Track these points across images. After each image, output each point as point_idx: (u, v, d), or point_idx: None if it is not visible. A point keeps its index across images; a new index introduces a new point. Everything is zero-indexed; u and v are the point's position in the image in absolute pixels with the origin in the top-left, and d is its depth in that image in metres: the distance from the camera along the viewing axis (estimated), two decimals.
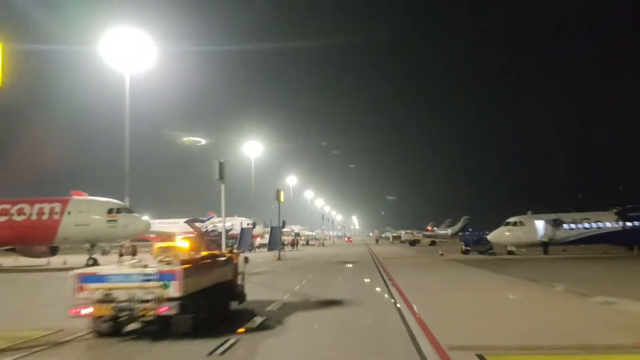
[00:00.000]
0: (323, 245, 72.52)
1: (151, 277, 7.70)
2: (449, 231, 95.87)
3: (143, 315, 7.67)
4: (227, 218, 65.63)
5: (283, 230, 51.82)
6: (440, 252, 36.19)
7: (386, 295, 13.34)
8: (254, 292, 11.95)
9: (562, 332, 8.10)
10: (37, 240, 34.80)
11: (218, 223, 61.56)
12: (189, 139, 40.08)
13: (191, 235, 57.25)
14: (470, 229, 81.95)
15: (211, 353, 7.06)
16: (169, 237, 61.26)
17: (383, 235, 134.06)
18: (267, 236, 57.29)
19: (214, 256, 9.90)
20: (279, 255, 37.15)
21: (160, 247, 8.86)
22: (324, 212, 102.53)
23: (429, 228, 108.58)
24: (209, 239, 55.65)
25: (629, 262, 25.74)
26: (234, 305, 10.34)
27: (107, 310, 7.73)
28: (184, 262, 8.20)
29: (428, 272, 20.86)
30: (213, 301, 8.99)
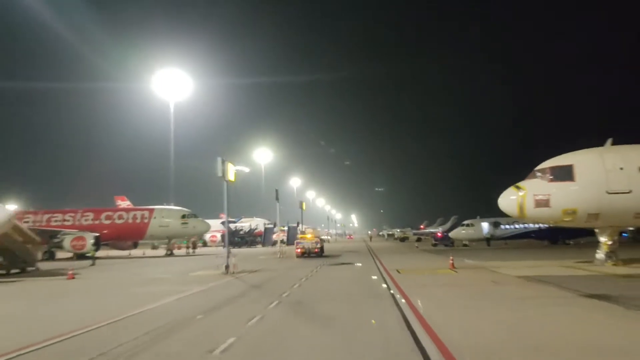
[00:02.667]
0: (328, 241, 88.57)
1: (315, 242, 29.38)
2: (440, 229, 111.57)
3: (312, 252, 29.68)
4: (248, 219, 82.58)
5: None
6: (416, 245, 52.34)
7: (373, 262, 29.30)
8: (313, 258, 28.53)
9: (427, 267, 24.00)
10: (132, 237, 50.63)
11: (239, 224, 77.38)
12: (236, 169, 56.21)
13: (222, 232, 73.51)
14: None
15: (319, 265, 24.58)
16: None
17: (380, 233, 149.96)
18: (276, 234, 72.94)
19: (322, 239, 31.31)
20: None
21: (314, 235, 32.69)
22: (328, 213, 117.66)
23: (421, 227, 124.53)
24: (239, 236, 72.39)
25: (528, 250, 41.07)
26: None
27: (303, 250, 29.82)
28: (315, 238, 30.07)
29: (399, 255, 36.76)
30: (322, 251, 30.40)
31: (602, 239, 21.79)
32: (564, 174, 21.15)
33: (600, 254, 21.78)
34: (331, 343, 8.11)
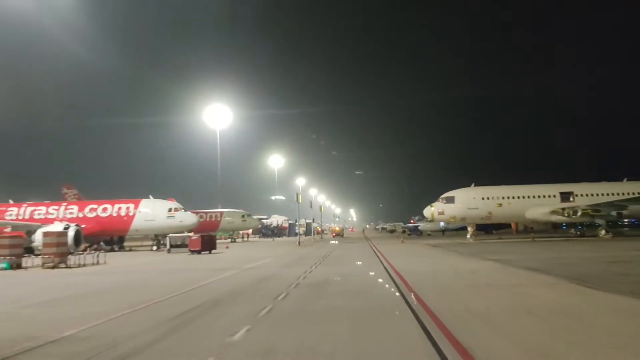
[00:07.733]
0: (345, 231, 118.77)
1: (341, 231, 69.90)
2: (424, 223, 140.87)
3: (338, 235, 66.78)
4: (274, 217, 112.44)
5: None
6: (396, 235, 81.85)
7: (366, 242, 58.50)
8: (338, 238, 58.55)
9: (392, 242, 53.28)
10: (208, 230, 78.95)
11: (265, 220, 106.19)
12: (276, 197, 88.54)
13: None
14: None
15: (341, 241, 55.88)
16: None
17: (377, 227, 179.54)
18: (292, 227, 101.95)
19: (342, 230, 70.44)
20: (321, 236, 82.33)
21: (340, 228, 72.13)
22: (330, 209, 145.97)
23: (412, 221, 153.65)
24: (270, 229, 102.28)
25: (459, 236, 70.14)
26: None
27: (335, 232, 69.32)
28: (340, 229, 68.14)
29: (382, 239, 65.96)
30: (342, 235, 65.60)
31: (469, 228, 50.88)
32: (450, 200, 50.11)
33: (468, 235, 50.82)
34: (355, 250, 37.25)
